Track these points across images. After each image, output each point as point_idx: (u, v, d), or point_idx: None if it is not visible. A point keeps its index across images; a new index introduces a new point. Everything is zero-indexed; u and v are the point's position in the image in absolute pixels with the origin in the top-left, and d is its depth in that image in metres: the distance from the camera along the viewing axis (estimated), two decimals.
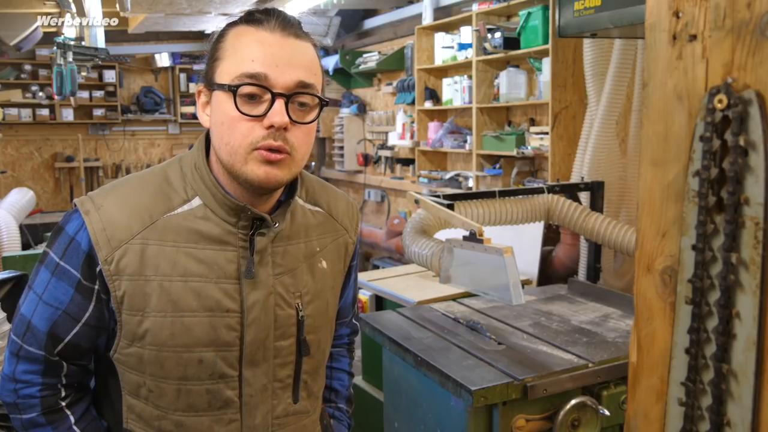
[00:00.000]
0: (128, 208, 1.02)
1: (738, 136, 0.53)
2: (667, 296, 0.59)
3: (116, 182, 1.09)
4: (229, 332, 1.03)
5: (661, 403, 0.60)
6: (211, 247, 1.03)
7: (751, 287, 0.53)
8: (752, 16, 0.51)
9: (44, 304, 1.03)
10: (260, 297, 1.04)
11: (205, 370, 1.03)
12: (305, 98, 1.00)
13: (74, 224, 1.02)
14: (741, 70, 0.52)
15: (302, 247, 1.11)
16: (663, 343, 0.59)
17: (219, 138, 1.01)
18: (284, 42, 0.98)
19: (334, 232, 1.18)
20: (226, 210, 1.03)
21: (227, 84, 0.97)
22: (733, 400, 0.54)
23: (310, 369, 1.13)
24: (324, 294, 1.14)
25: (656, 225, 0.59)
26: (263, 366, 1.07)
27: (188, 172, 1.06)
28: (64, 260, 1.02)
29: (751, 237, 0.52)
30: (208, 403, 1.04)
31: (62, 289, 1.02)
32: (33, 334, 1.03)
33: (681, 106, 0.57)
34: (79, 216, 1.02)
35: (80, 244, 1.01)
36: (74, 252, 1.02)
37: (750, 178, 0.52)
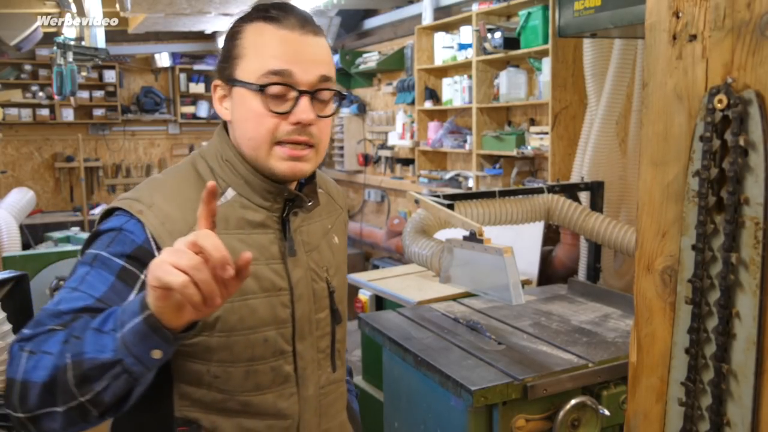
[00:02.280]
0: (178, 203, 1.04)
1: (738, 136, 0.53)
2: (667, 296, 0.59)
3: (151, 183, 1.09)
4: (283, 309, 1.09)
5: (661, 402, 0.60)
6: (256, 231, 1.08)
7: (751, 287, 0.53)
8: (752, 16, 0.51)
9: (77, 292, 0.96)
10: (302, 273, 1.11)
11: (269, 349, 1.08)
12: (328, 93, 1.05)
13: (117, 220, 1.02)
14: (741, 70, 0.52)
15: (319, 225, 1.19)
16: (663, 343, 0.59)
17: (242, 133, 1.06)
18: (304, 39, 1.02)
19: (336, 211, 1.28)
20: (261, 195, 1.09)
21: (254, 83, 1.01)
22: (733, 400, 0.54)
23: (340, 338, 1.22)
24: (342, 267, 1.23)
25: (656, 225, 0.59)
26: (309, 339, 1.13)
27: (216, 166, 1.10)
28: (108, 251, 0.99)
29: (751, 237, 0.52)
30: (272, 380, 1.09)
31: (100, 277, 0.97)
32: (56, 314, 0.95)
33: (681, 106, 0.57)
34: (122, 216, 1.02)
35: (130, 236, 1.00)
36: (121, 242, 1.00)
37: (750, 178, 0.52)
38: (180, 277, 0.77)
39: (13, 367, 0.88)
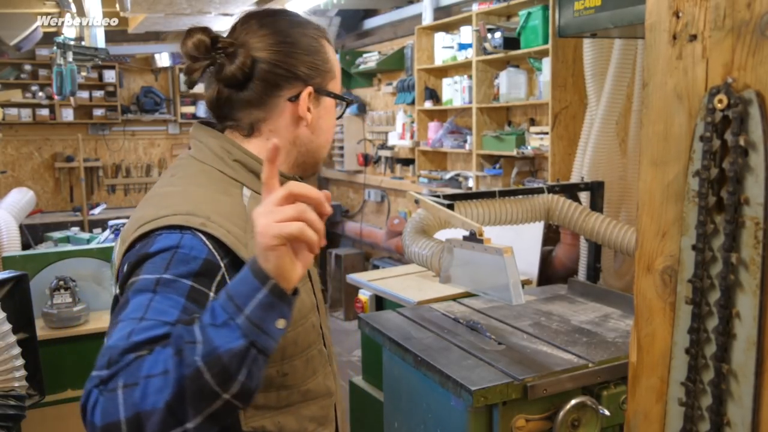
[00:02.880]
0: (221, 212, 1.03)
1: (738, 136, 0.52)
2: (667, 296, 0.59)
3: (181, 195, 1.04)
4: (309, 295, 1.15)
5: (661, 403, 0.60)
6: None
7: (751, 287, 0.53)
8: (752, 16, 0.51)
9: (147, 321, 0.87)
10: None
11: (315, 332, 1.15)
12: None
13: (168, 239, 0.96)
14: (741, 70, 0.52)
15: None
16: (663, 343, 0.59)
17: (325, 137, 1.20)
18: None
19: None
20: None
21: (347, 97, 1.21)
22: (733, 400, 0.54)
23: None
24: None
25: (656, 225, 0.59)
26: (325, 321, 1.22)
27: (225, 168, 1.11)
28: (170, 272, 0.92)
29: (751, 237, 0.52)
30: (321, 362, 1.16)
31: (170, 302, 0.90)
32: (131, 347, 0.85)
33: (681, 106, 0.57)
34: (171, 235, 0.96)
35: (190, 252, 0.95)
36: (182, 261, 0.94)
37: (750, 178, 0.52)
38: (296, 223, 0.81)
39: (106, 411, 0.79)
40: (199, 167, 1.11)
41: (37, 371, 2.37)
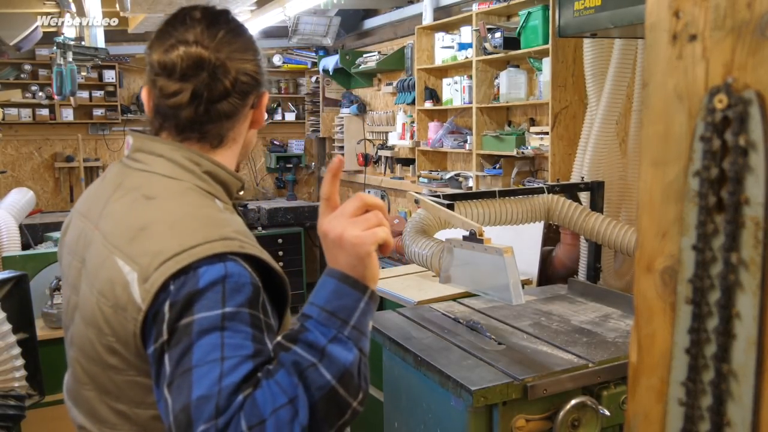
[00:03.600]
0: (240, 231, 1.01)
1: (738, 136, 0.52)
2: (667, 296, 0.58)
3: (189, 217, 1.00)
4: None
5: (661, 403, 0.60)
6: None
7: (751, 287, 0.52)
8: (752, 16, 0.51)
9: (230, 360, 0.85)
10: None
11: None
12: None
13: (214, 270, 0.92)
14: (741, 70, 0.52)
15: None
16: (663, 343, 0.59)
17: (253, 138, 1.20)
18: None
19: None
20: (230, 195, 1.12)
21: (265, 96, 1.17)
22: (733, 400, 0.54)
23: None
24: None
25: (656, 225, 0.59)
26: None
27: (198, 182, 1.06)
28: (230, 305, 0.89)
29: (751, 237, 0.52)
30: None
31: (241, 335, 0.88)
32: (234, 389, 0.83)
33: (681, 106, 0.57)
34: (215, 266, 0.92)
35: (239, 279, 0.92)
36: (236, 291, 0.91)
37: (750, 178, 0.52)
38: (383, 228, 0.88)
39: None
40: (176, 185, 1.04)
41: (37, 371, 2.37)
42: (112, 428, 1.02)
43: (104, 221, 1.03)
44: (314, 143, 7.67)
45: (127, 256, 0.96)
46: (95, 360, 1.00)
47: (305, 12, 5.81)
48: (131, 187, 1.05)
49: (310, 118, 7.51)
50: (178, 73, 1.03)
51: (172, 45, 1.06)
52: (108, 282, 0.96)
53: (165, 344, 0.88)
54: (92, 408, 1.04)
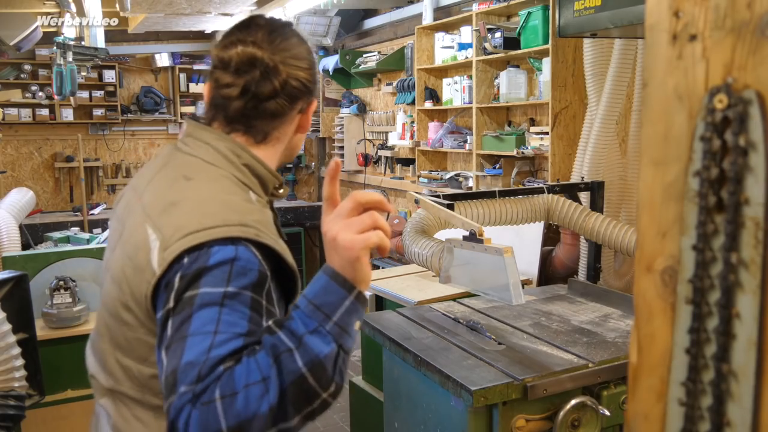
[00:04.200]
0: (261, 221, 1.09)
1: (738, 136, 0.52)
2: (667, 296, 0.58)
3: (217, 202, 1.06)
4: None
5: (661, 403, 0.60)
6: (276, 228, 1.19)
7: (751, 287, 0.52)
8: (752, 16, 0.51)
9: (222, 335, 0.91)
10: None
11: None
12: None
13: (226, 251, 0.98)
14: (741, 70, 0.52)
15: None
16: (663, 343, 0.59)
17: (303, 138, 1.33)
18: None
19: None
20: (266, 192, 1.19)
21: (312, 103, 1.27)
22: (733, 400, 0.54)
23: None
24: None
25: (656, 225, 0.59)
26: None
27: (236, 172, 1.14)
28: (233, 285, 0.95)
29: (751, 237, 0.52)
30: None
31: (238, 314, 0.94)
32: (217, 361, 0.89)
33: (681, 106, 0.57)
34: (226, 247, 0.98)
35: (247, 264, 0.98)
36: (241, 274, 0.97)
37: (750, 178, 0.52)
38: (376, 232, 0.90)
39: (206, 424, 0.83)
40: (215, 171, 1.12)
41: (36, 371, 2.37)
42: (115, 381, 1.11)
43: (147, 194, 1.13)
44: (314, 143, 7.67)
45: (155, 225, 1.05)
46: (114, 315, 1.10)
47: (305, 12, 5.81)
48: (175, 167, 1.15)
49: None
50: (232, 68, 1.13)
51: (232, 43, 1.15)
52: (135, 246, 1.06)
53: (170, 311, 0.95)
54: (104, 359, 1.14)
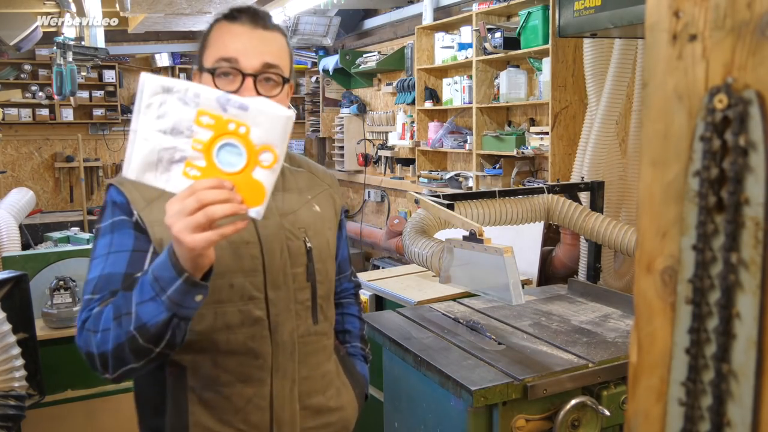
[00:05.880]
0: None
1: (738, 136, 0.52)
2: (667, 296, 0.58)
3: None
4: (252, 260, 1.24)
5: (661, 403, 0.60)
6: None
7: (751, 287, 0.52)
8: (752, 16, 0.51)
9: (114, 254, 1.18)
10: (271, 231, 1.27)
11: (236, 293, 1.23)
12: (271, 76, 1.22)
13: (109, 194, 1.24)
14: (741, 70, 0.52)
15: (296, 195, 1.36)
16: (663, 343, 0.59)
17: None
18: (252, 33, 1.22)
19: (318, 186, 1.43)
20: None
21: (208, 67, 1.22)
22: (733, 400, 0.54)
23: (323, 294, 1.35)
24: (323, 232, 1.37)
25: (656, 225, 0.59)
26: (284, 289, 1.27)
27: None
28: (113, 216, 1.21)
29: (751, 237, 0.52)
30: (241, 322, 1.23)
31: (125, 235, 1.19)
32: (107, 279, 1.16)
33: (681, 106, 0.57)
34: (111, 188, 1.24)
35: (116, 201, 1.22)
36: (117, 207, 1.22)
37: (750, 178, 0.52)
38: (199, 213, 0.92)
39: (87, 342, 1.11)
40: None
41: (37, 371, 2.37)
42: None
43: None
44: (314, 143, 7.67)
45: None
46: None
47: (305, 12, 5.81)
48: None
49: (310, 118, 7.51)
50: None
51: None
52: None
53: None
54: None
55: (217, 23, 1.26)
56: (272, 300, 1.26)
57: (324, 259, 1.35)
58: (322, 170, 1.50)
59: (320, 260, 1.34)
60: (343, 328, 1.56)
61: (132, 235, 1.20)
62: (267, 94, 1.19)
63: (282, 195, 1.33)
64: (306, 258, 1.31)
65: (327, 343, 1.38)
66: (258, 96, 1.17)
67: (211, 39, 1.24)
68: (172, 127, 0.93)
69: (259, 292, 1.25)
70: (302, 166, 1.44)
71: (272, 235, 1.27)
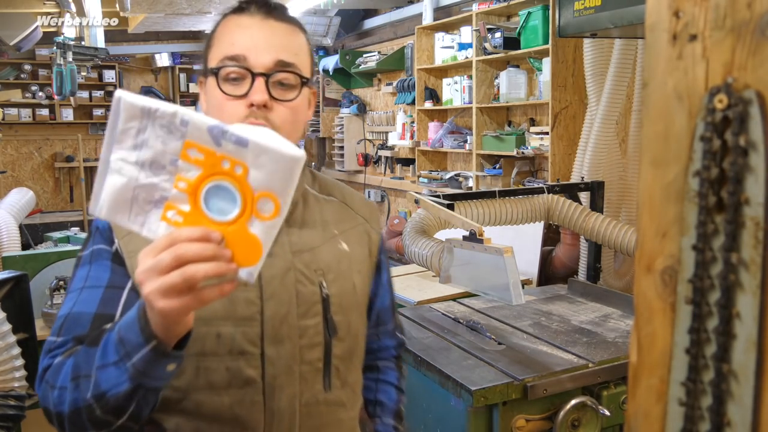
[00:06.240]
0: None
1: (738, 136, 0.52)
2: (667, 296, 0.58)
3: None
4: (248, 306, 1.00)
5: (661, 403, 0.60)
6: None
7: (751, 287, 0.52)
8: (752, 16, 0.51)
9: (87, 290, 0.99)
10: (278, 272, 1.03)
11: (224, 346, 0.99)
12: (286, 76, 1.02)
13: (97, 219, 1.03)
14: (741, 70, 0.52)
15: (319, 229, 1.11)
16: (663, 343, 0.59)
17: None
18: (263, 24, 1.03)
19: (351, 219, 1.18)
20: None
21: (211, 68, 1.03)
22: (733, 400, 0.54)
23: (341, 354, 1.08)
24: (349, 275, 1.11)
25: (656, 225, 0.59)
26: (287, 345, 1.02)
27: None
28: (93, 244, 1.03)
29: (751, 237, 0.52)
30: (228, 382, 1.00)
31: (102, 268, 1.00)
32: (75, 320, 0.97)
33: (681, 106, 0.57)
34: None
35: (99, 227, 1.04)
36: (99, 234, 1.04)
37: (750, 178, 0.52)
38: (175, 272, 0.71)
39: (45, 396, 0.93)
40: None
41: (36, 371, 2.37)
42: None
43: None
44: (314, 143, 7.67)
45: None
46: None
47: (305, 12, 5.81)
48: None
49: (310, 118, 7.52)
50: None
51: None
52: None
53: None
54: None
55: (224, 18, 1.08)
56: (270, 357, 1.01)
57: (346, 309, 1.09)
58: (360, 200, 1.24)
59: (341, 311, 1.08)
60: (375, 398, 1.27)
61: (108, 268, 1.00)
62: (282, 98, 1.02)
63: (299, 229, 1.09)
64: (321, 307, 1.06)
65: (344, 416, 1.10)
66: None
67: (216, 35, 1.07)
68: (152, 161, 0.75)
69: (253, 346, 1.00)
70: (333, 193, 1.20)
71: (278, 277, 1.03)
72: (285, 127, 1.01)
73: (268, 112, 1.00)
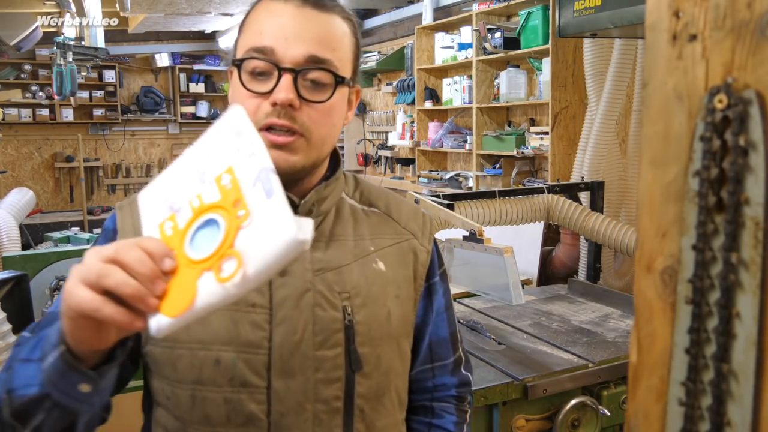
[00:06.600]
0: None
1: (738, 136, 0.52)
2: (667, 296, 0.58)
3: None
4: (254, 330, 0.87)
5: (661, 403, 0.60)
6: None
7: (751, 287, 0.52)
8: (752, 16, 0.51)
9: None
10: (293, 293, 0.89)
11: (223, 374, 0.86)
12: (319, 75, 0.87)
13: (109, 218, 0.96)
14: (741, 70, 0.52)
15: (350, 245, 0.96)
16: (663, 343, 0.59)
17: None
18: (297, 13, 0.88)
19: (394, 234, 1.01)
20: None
21: (235, 59, 0.89)
22: (733, 400, 0.54)
23: (367, 393, 0.92)
24: (382, 300, 0.95)
25: (656, 225, 0.59)
26: (300, 378, 0.88)
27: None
28: (96, 245, 0.88)
29: (751, 237, 0.52)
30: (227, 417, 0.87)
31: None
32: (50, 318, 0.82)
33: (681, 106, 0.57)
34: (113, 213, 0.96)
35: (107, 228, 0.95)
36: (103, 235, 0.95)
37: (750, 178, 0.52)
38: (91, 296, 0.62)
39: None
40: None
41: None
42: None
43: None
44: None
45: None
46: None
47: None
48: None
49: None
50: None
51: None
52: None
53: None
54: None
55: (258, 2, 0.92)
56: (277, 392, 0.87)
57: (376, 340, 0.93)
58: (409, 212, 1.05)
59: (368, 341, 0.92)
60: None
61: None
62: (311, 98, 0.87)
63: (326, 243, 0.94)
64: (343, 336, 0.90)
65: None
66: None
67: (247, 22, 0.92)
68: (204, 171, 0.69)
69: (258, 377, 0.87)
70: (377, 204, 1.03)
71: (293, 298, 0.88)
72: (317, 131, 0.89)
73: (295, 112, 0.86)
